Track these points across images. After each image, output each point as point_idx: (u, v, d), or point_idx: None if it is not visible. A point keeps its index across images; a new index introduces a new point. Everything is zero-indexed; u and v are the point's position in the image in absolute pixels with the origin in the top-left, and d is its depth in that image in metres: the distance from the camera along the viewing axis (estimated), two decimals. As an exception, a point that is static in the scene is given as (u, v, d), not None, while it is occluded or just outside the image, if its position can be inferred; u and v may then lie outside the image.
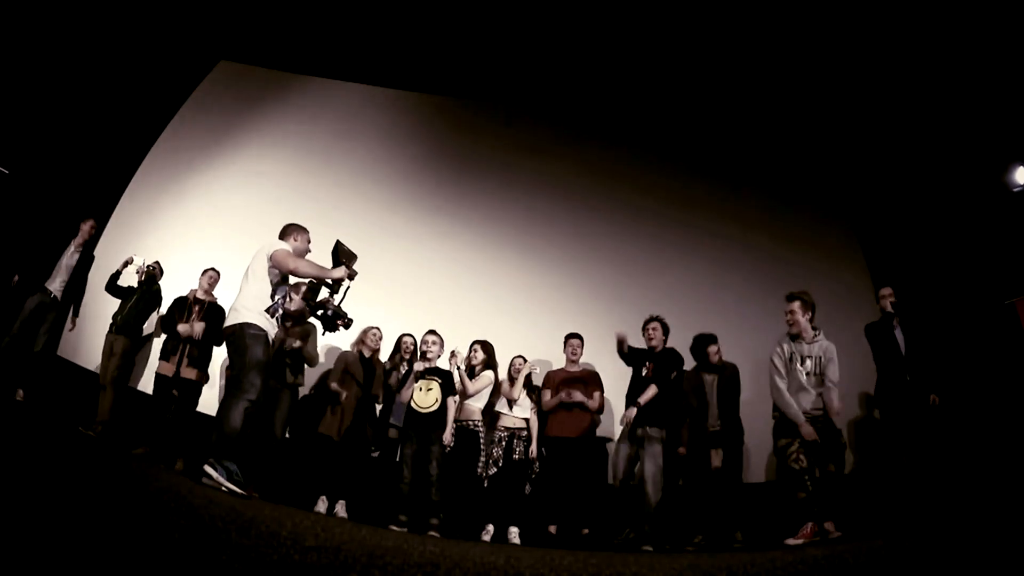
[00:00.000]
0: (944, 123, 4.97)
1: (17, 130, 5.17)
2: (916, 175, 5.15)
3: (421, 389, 3.89)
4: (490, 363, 4.19)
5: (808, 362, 3.50)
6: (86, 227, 4.89)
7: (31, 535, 1.06)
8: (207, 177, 6.08)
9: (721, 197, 5.81)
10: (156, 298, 4.85)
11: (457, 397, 4.06)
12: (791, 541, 3.19)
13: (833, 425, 3.45)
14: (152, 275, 4.76)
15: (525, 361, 4.33)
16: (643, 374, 4.07)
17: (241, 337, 3.07)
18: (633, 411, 3.92)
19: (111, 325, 4.65)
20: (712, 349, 4.25)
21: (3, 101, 5.05)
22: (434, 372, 3.98)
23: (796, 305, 3.58)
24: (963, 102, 4.85)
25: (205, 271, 4.72)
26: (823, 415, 3.45)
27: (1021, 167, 4.42)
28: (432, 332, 4.18)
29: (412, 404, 3.87)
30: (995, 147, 4.69)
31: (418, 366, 3.96)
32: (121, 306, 4.70)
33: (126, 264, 4.79)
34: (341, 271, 3.28)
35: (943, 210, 4.91)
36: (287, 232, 3.48)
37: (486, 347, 4.22)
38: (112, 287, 4.76)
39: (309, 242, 3.52)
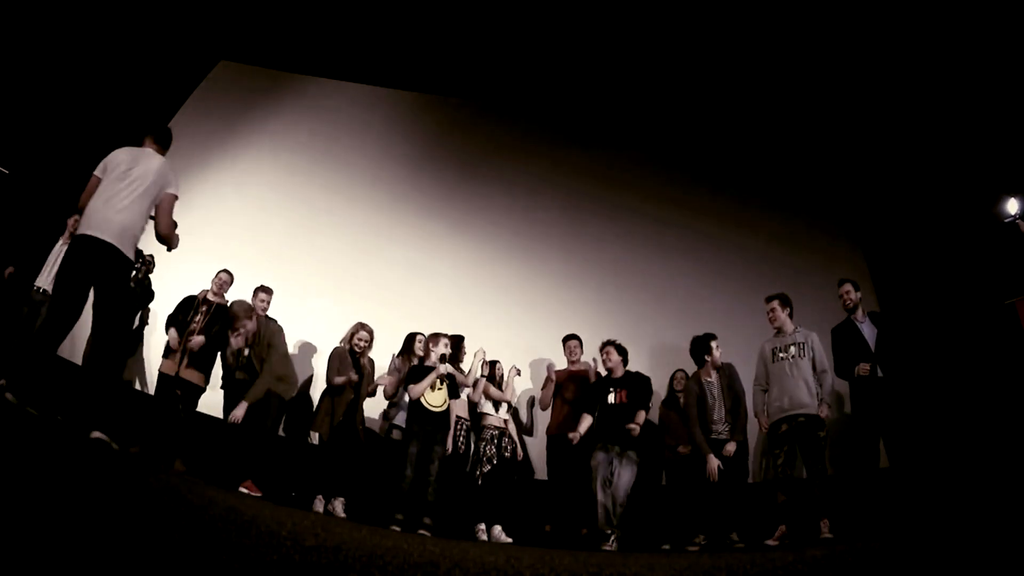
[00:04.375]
0: (942, 123, 4.97)
1: (17, 130, 5.16)
2: (915, 175, 5.15)
3: (433, 388, 3.93)
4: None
5: (792, 348, 3.84)
6: (71, 222, 4.72)
7: (31, 535, 1.06)
8: (206, 177, 6.08)
9: (718, 200, 5.82)
10: (148, 293, 4.78)
11: (457, 401, 4.15)
12: (769, 542, 3.58)
13: (816, 424, 3.63)
14: (146, 267, 4.71)
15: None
16: (613, 401, 4.03)
17: (126, 268, 2.84)
18: (636, 428, 3.89)
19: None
20: (714, 344, 4.24)
21: (3, 101, 5.05)
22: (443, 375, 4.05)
23: (776, 303, 3.98)
24: (963, 100, 4.86)
25: (219, 273, 4.67)
26: (805, 418, 3.65)
27: (1012, 199, 4.44)
28: (441, 335, 4.25)
29: (423, 401, 3.88)
30: (994, 147, 4.69)
31: (442, 368, 3.97)
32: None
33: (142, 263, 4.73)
34: (177, 241, 3.13)
35: (943, 210, 4.91)
36: (167, 144, 3.21)
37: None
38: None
39: None
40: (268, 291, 4.76)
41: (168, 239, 3.09)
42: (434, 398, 3.89)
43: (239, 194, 5.93)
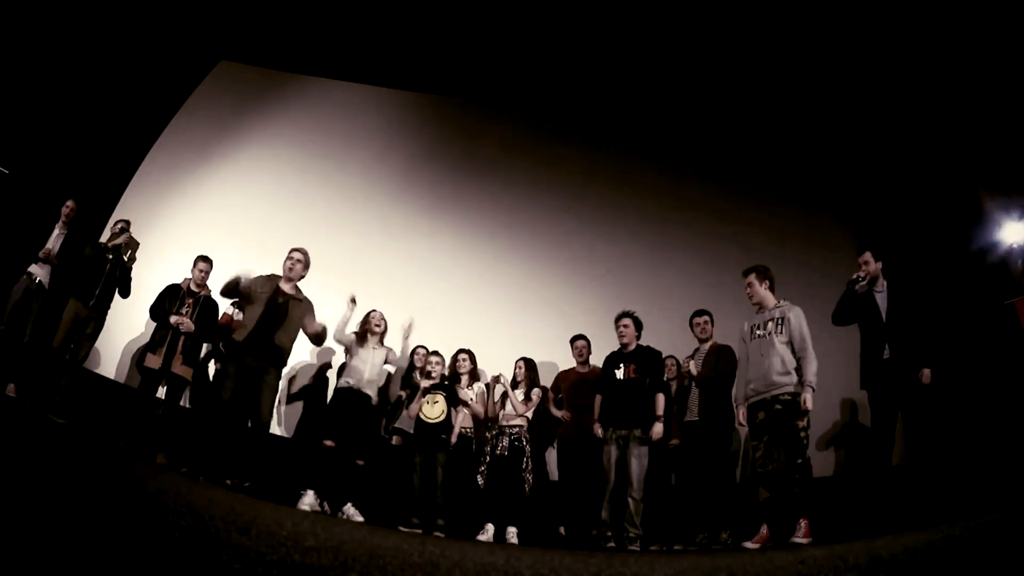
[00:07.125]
0: (945, 120, 4.96)
1: (17, 130, 5.16)
2: (916, 174, 5.15)
3: (428, 403, 4.18)
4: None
5: (769, 324, 3.45)
6: (67, 209, 4.56)
7: (29, 535, 1.06)
8: (207, 176, 6.08)
9: (718, 197, 5.81)
10: (122, 277, 4.55)
11: (460, 407, 4.31)
12: (748, 544, 3.21)
13: (793, 411, 3.24)
14: (122, 244, 4.47)
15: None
16: (621, 376, 3.87)
17: None
18: (660, 427, 3.71)
19: (87, 299, 4.29)
20: (697, 321, 4.24)
21: (3, 101, 5.05)
22: (439, 387, 4.27)
23: (752, 277, 3.63)
24: (967, 96, 4.85)
25: (196, 261, 4.49)
26: (781, 405, 3.27)
27: (1003, 231, 4.45)
28: (436, 353, 4.42)
29: (421, 416, 4.15)
30: (996, 146, 4.68)
31: (424, 383, 4.25)
32: (93, 279, 4.35)
33: (121, 231, 4.53)
34: None
35: (943, 209, 4.91)
36: None
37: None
38: (95, 255, 4.44)
39: None
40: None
41: None
42: (430, 411, 4.15)
43: (240, 192, 5.94)
